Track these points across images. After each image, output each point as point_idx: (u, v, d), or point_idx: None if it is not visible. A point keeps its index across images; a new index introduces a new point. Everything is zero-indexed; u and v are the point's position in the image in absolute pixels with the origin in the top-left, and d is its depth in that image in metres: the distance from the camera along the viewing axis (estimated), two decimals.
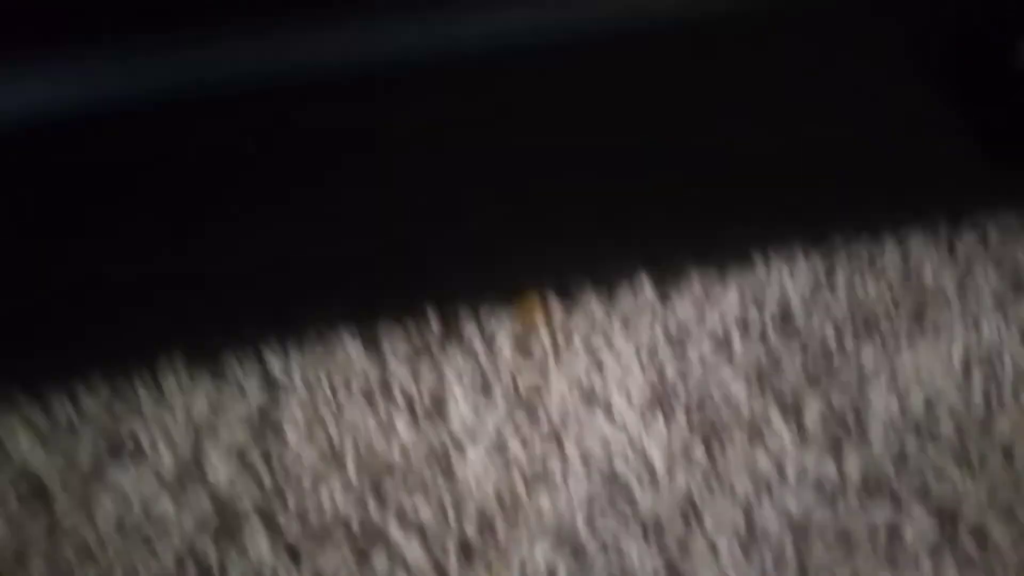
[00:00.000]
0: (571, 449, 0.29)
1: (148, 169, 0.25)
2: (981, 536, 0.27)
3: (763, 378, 0.31)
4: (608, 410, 0.30)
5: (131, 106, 0.24)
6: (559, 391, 0.31)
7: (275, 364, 0.30)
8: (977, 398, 0.31)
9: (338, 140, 0.26)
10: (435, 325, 0.31)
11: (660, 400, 0.30)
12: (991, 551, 0.27)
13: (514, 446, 0.29)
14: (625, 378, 0.31)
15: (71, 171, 0.25)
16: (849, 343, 0.32)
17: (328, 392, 0.29)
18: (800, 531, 0.27)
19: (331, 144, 0.26)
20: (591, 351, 0.32)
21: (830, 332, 0.32)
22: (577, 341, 0.32)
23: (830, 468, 0.28)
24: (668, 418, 0.30)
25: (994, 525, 0.27)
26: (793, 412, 0.30)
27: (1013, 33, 0.29)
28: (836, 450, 0.29)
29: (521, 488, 0.28)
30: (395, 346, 0.31)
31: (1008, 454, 0.29)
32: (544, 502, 0.28)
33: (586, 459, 0.29)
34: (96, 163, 0.25)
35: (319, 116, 0.25)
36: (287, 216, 0.27)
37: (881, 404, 0.30)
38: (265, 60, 0.25)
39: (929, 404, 0.30)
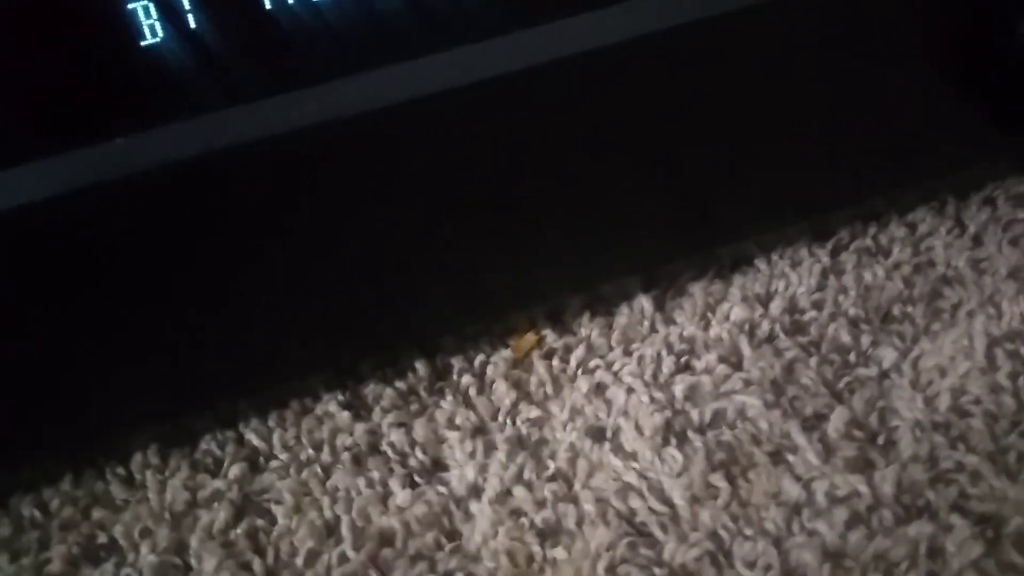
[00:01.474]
0: (582, 492, 0.27)
1: (106, 250, 0.23)
2: None
3: (779, 389, 0.29)
4: (617, 443, 0.28)
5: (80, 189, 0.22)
6: (562, 427, 0.28)
7: (253, 435, 0.28)
8: (1005, 388, 0.29)
9: (303, 198, 0.24)
10: (422, 370, 0.30)
11: (672, 426, 0.28)
12: None
13: (520, 494, 0.27)
14: (631, 405, 0.29)
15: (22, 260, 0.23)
16: (865, 340, 0.30)
17: (313, 459, 0.27)
18: (837, 558, 0.25)
19: (296, 205, 0.24)
20: (592, 379, 0.30)
21: (843, 330, 0.30)
22: (576, 370, 0.30)
23: (861, 485, 0.26)
24: (682, 446, 0.28)
25: None
26: (815, 426, 0.28)
27: (1018, 5, 0.27)
28: (865, 464, 0.27)
29: (533, 541, 0.26)
30: (381, 399, 0.29)
31: None
32: (559, 554, 0.25)
33: (600, 501, 0.27)
34: (46, 250, 0.23)
35: (276, 178, 0.23)
36: (254, 283, 0.25)
37: (906, 406, 0.28)
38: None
39: (956, 400, 0.28)
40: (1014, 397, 0.29)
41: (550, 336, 0.30)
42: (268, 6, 0.21)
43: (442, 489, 0.26)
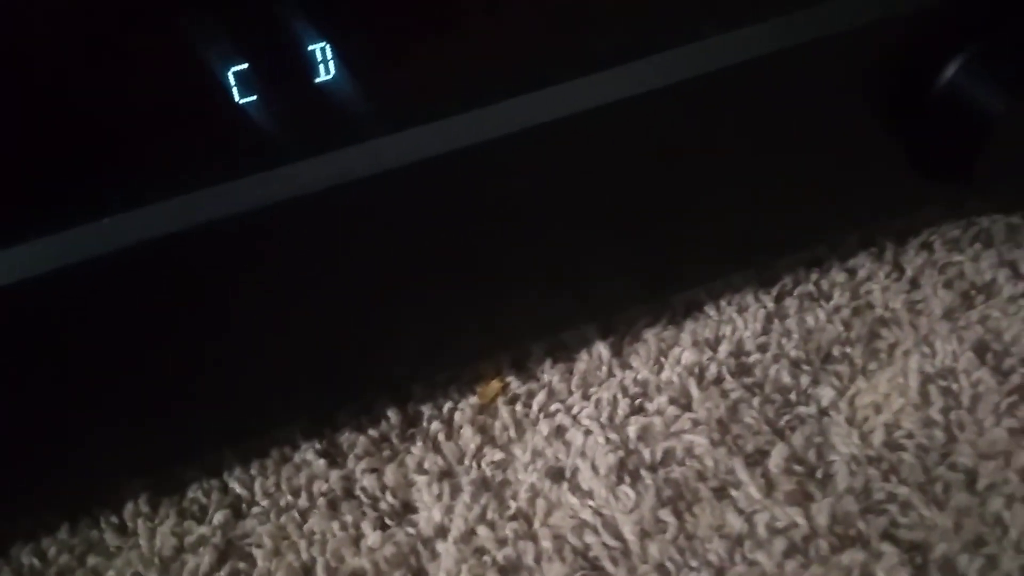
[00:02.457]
0: (541, 529, 0.29)
1: (86, 316, 0.25)
2: (950, 569, 0.27)
3: (724, 428, 0.31)
4: (575, 482, 0.30)
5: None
6: (524, 468, 0.31)
7: (236, 483, 0.30)
8: (938, 423, 0.31)
9: (279, 261, 0.27)
10: (394, 417, 0.32)
11: (625, 466, 0.30)
12: None
13: (483, 533, 0.29)
14: (589, 446, 0.31)
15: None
16: (805, 380, 0.32)
17: (291, 504, 0.29)
18: None
19: (274, 267, 0.26)
20: (552, 422, 0.32)
21: (785, 371, 0.32)
22: (537, 413, 0.32)
23: (798, 517, 0.28)
24: (635, 483, 0.30)
25: (962, 556, 0.28)
26: (757, 461, 0.30)
27: (938, 57, 0.30)
28: (804, 496, 0.29)
29: None
30: (355, 446, 0.31)
31: (971, 480, 0.29)
32: None
33: (557, 538, 0.29)
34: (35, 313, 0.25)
35: (252, 244, 0.26)
36: (236, 343, 0.28)
37: (842, 442, 0.30)
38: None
39: (890, 435, 0.30)
40: (945, 431, 0.31)
41: (515, 382, 0.33)
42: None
43: (411, 530, 0.28)
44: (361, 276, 0.28)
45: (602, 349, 0.33)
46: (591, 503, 0.30)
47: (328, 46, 0.23)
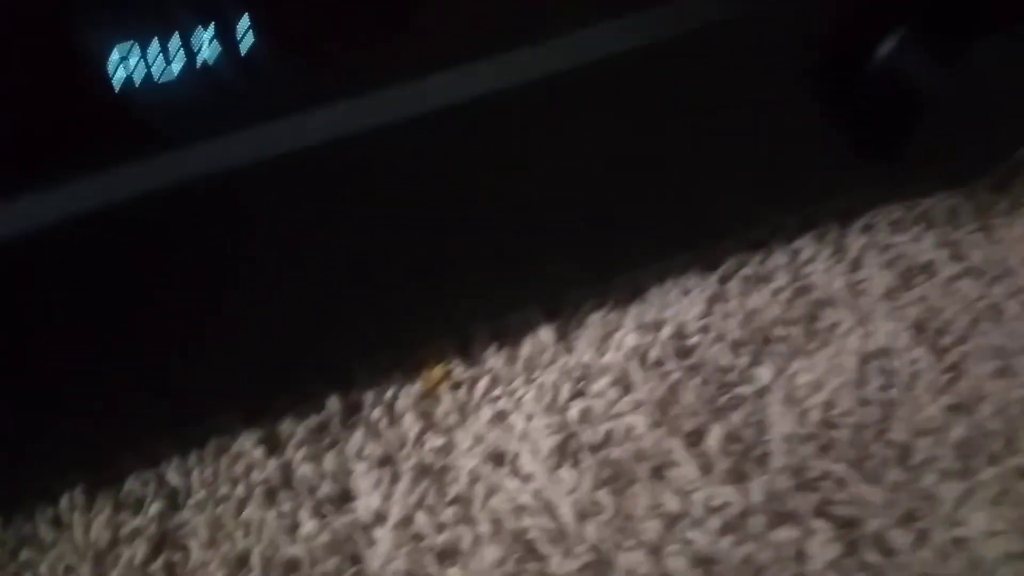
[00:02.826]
0: (479, 513, 0.29)
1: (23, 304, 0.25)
2: (883, 544, 0.28)
3: (663, 409, 0.31)
4: (515, 466, 0.30)
5: None
6: (465, 454, 0.31)
7: (174, 474, 0.30)
8: (874, 400, 0.31)
9: (213, 244, 0.26)
10: (335, 405, 0.32)
11: (565, 448, 0.30)
12: (893, 557, 0.28)
13: (421, 519, 0.29)
14: (530, 430, 0.31)
15: None
16: (745, 360, 0.32)
17: (229, 494, 0.29)
18: (706, 564, 0.27)
19: (207, 248, 0.26)
20: (495, 407, 0.32)
21: (726, 351, 0.32)
22: (480, 399, 0.32)
23: (733, 495, 0.29)
24: (575, 466, 0.30)
25: (894, 530, 0.28)
26: (695, 442, 0.30)
27: (875, 34, 0.30)
28: (740, 475, 0.29)
29: (431, 563, 0.28)
30: (294, 434, 0.31)
31: (905, 456, 0.29)
32: (455, 573, 0.27)
33: (495, 522, 0.29)
34: None
35: (183, 225, 0.26)
36: (169, 331, 0.27)
37: (779, 420, 0.31)
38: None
39: (826, 413, 0.31)
40: (881, 408, 0.31)
41: (459, 369, 0.33)
42: None
43: (348, 518, 0.28)
44: (297, 260, 0.28)
45: (547, 334, 0.33)
46: (531, 486, 0.30)
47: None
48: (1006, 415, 0.31)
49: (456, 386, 0.33)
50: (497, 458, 0.31)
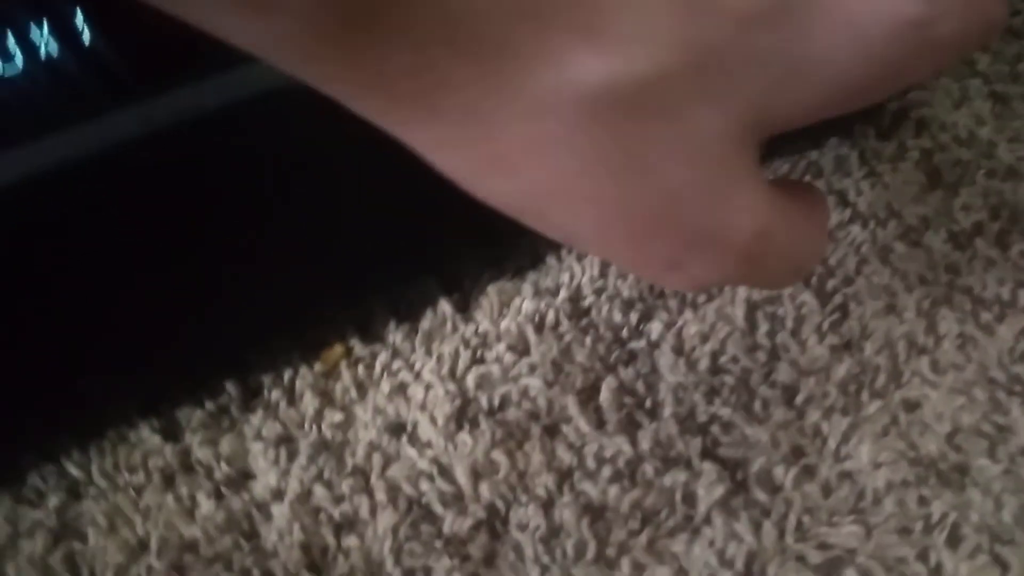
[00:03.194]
0: (377, 482, 0.29)
1: None
2: (769, 481, 0.28)
3: (558, 368, 0.32)
4: (413, 436, 0.31)
5: None
6: (364, 427, 0.31)
7: (73, 466, 0.30)
8: (763, 346, 0.32)
9: (100, 228, 0.26)
10: (233, 390, 0.32)
11: (464, 414, 0.31)
12: (779, 493, 0.28)
13: (319, 493, 0.29)
14: (428, 399, 0.31)
15: None
16: (636, 317, 0.33)
17: (128, 482, 0.29)
18: (598, 513, 0.28)
19: (96, 238, 0.26)
20: (395, 380, 0.32)
21: (618, 310, 0.33)
22: (380, 374, 0.32)
23: (625, 446, 0.29)
24: (473, 430, 0.30)
25: (779, 468, 0.29)
26: (589, 398, 0.31)
27: None
28: (631, 426, 0.30)
29: (328, 534, 0.28)
30: (192, 420, 0.31)
31: (790, 396, 0.30)
32: (352, 542, 0.28)
33: (392, 490, 0.29)
34: None
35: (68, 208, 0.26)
36: (58, 318, 0.28)
37: (670, 371, 0.31)
38: None
39: (715, 361, 0.31)
40: (768, 353, 0.31)
41: (358, 347, 0.33)
42: None
43: (245, 496, 0.29)
44: (181, 250, 0.28)
45: (446, 306, 0.34)
46: (429, 453, 0.30)
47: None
48: (891, 351, 0.32)
49: (356, 363, 0.33)
50: (396, 429, 0.31)
